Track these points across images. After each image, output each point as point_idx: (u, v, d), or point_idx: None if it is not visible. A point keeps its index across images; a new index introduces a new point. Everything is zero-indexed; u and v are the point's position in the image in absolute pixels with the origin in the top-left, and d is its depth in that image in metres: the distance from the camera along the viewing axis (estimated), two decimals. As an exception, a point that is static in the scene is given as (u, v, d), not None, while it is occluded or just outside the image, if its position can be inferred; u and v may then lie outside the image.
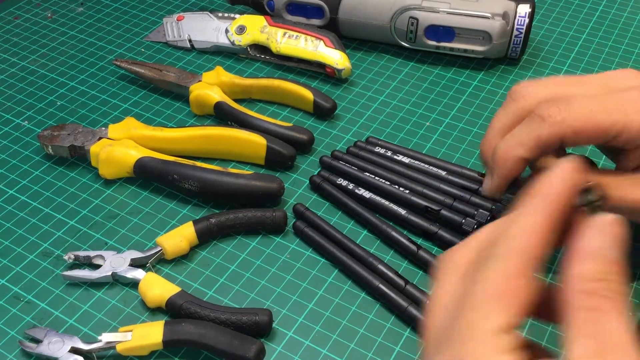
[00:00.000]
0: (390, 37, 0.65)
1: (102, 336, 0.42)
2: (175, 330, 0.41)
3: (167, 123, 0.59)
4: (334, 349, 0.43)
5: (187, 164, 0.51)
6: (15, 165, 0.55)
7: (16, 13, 0.72)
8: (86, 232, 0.50)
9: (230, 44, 0.65)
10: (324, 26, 0.65)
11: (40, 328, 0.43)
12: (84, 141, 0.53)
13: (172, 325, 0.42)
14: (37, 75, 0.64)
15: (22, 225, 0.50)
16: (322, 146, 0.57)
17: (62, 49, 0.67)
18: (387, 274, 0.45)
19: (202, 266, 0.48)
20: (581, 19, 0.71)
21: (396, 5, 0.63)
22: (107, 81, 0.63)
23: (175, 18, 0.68)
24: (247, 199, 0.50)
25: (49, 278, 0.47)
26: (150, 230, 0.50)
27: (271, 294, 0.46)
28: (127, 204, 0.52)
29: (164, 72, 0.61)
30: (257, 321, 0.42)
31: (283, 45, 0.62)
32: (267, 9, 0.67)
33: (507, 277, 0.26)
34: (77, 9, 0.73)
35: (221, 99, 0.57)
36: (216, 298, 0.46)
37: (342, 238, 0.48)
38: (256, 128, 0.55)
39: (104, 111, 0.60)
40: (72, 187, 0.53)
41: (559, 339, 0.43)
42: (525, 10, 0.61)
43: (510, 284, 0.26)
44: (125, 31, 0.69)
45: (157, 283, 0.45)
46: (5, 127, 0.59)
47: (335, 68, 0.61)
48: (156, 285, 0.44)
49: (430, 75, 0.64)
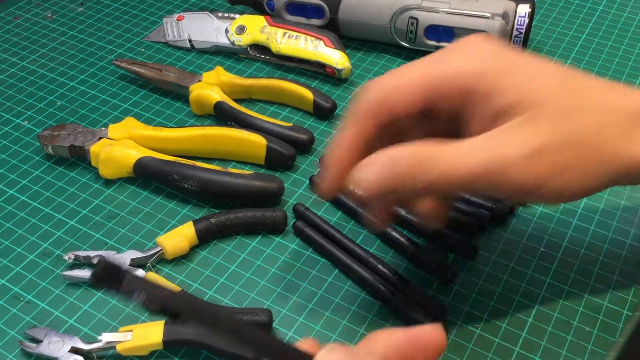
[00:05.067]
0: (390, 37, 0.65)
1: (102, 336, 0.42)
2: (175, 331, 0.41)
3: (167, 123, 0.59)
4: (334, 349, 0.43)
5: (187, 164, 0.51)
6: (15, 165, 0.55)
7: (16, 13, 0.72)
8: (86, 232, 0.50)
9: (230, 44, 0.65)
10: (324, 26, 0.65)
11: (40, 328, 0.43)
12: (84, 141, 0.53)
13: (172, 325, 0.42)
14: (37, 75, 0.64)
15: (22, 225, 0.50)
16: (322, 146, 0.57)
17: (62, 49, 0.67)
18: (387, 274, 0.45)
19: (202, 266, 0.48)
20: (581, 19, 0.71)
21: (396, 5, 0.63)
22: (107, 81, 0.63)
23: (175, 18, 0.68)
24: (247, 199, 0.50)
25: (49, 278, 0.47)
26: (150, 230, 0.50)
27: (271, 294, 0.46)
28: (127, 204, 0.52)
29: (164, 72, 0.61)
30: (257, 321, 0.42)
31: (283, 45, 0.62)
32: (267, 9, 0.67)
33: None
34: (77, 9, 0.73)
35: (221, 99, 0.57)
36: (216, 298, 0.46)
37: (342, 238, 0.48)
38: (256, 128, 0.55)
39: (104, 111, 0.60)
40: (72, 187, 0.53)
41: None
42: (525, 10, 0.61)
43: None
44: (125, 31, 0.69)
45: (157, 283, 0.45)
46: (5, 127, 0.59)
47: (335, 68, 0.61)
48: (156, 285, 0.44)
49: (430, 75, 0.64)
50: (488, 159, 0.35)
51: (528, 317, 0.44)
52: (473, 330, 0.44)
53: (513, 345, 0.43)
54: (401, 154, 0.36)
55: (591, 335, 0.43)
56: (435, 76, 0.38)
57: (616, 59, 0.65)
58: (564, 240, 0.49)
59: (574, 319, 0.44)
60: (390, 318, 0.44)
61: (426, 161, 0.36)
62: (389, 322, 0.44)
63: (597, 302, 0.45)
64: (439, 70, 0.38)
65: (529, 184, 0.35)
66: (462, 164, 0.35)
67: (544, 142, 0.35)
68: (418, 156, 0.36)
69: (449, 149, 0.36)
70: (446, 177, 0.36)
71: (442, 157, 0.36)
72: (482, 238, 0.49)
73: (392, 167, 0.36)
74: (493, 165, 0.35)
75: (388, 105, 0.38)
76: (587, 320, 0.44)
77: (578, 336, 0.43)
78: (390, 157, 0.36)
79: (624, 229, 0.50)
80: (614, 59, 0.65)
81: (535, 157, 0.35)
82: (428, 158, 0.36)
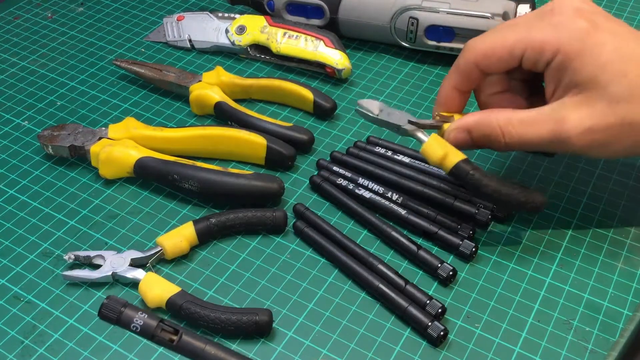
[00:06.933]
0: (390, 37, 0.65)
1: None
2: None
3: (167, 123, 0.59)
4: (334, 349, 0.43)
5: (187, 164, 0.51)
6: (15, 165, 0.55)
7: (16, 13, 0.72)
8: (86, 232, 0.50)
9: (230, 44, 0.65)
10: (324, 26, 0.65)
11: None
12: (84, 141, 0.53)
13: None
14: (37, 75, 0.64)
15: (22, 225, 0.50)
16: (322, 146, 0.57)
17: (62, 49, 0.67)
18: (387, 274, 0.45)
19: (202, 266, 0.48)
20: (581, 19, 0.71)
21: (396, 5, 0.63)
22: (107, 81, 0.63)
23: (175, 18, 0.68)
24: (247, 199, 0.50)
25: (49, 278, 0.47)
26: (150, 230, 0.50)
27: (271, 294, 0.46)
28: (127, 204, 0.52)
29: (164, 72, 0.61)
30: (257, 321, 0.42)
31: (283, 45, 0.62)
32: (267, 9, 0.67)
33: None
34: (77, 9, 0.73)
35: (221, 99, 0.57)
36: (216, 298, 0.46)
37: (342, 238, 0.48)
38: (256, 128, 0.55)
39: (104, 111, 0.60)
40: (72, 187, 0.53)
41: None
42: (525, 10, 0.61)
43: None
44: (125, 31, 0.69)
45: (157, 283, 0.45)
46: (5, 127, 0.59)
47: (335, 68, 0.61)
48: (156, 285, 0.44)
49: (430, 75, 0.64)
50: (552, 130, 0.44)
51: (528, 317, 0.44)
52: (473, 330, 0.44)
53: (513, 345, 0.43)
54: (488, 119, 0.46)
55: (591, 335, 0.43)
56: (525, 43, 0.45)
57: (616, 59, 0.65)
58: (564, 240, 0.49)
59: (574, 319, 0.44)
60: (390, 318, 0.44)
61: (506, 127, 0.45)
62: (389, 322, 0.44)
63: (597, 302, 0.45)
64: (529, 38, 0.45)
65: (581, 150, 0.45)
66: (533, 132, 0.45)
67: (597, 122, 0.43)
68: (501, 122, 0.46)
69: (524, 117, 0.45)
70: (520, 140, 0.45)
71: (517, 124, 0.45)
72: (482, 238, 0.49)
73: (481, 130, 0.46)
74: (555, 136, 0.44)
75: (482, 67, 0.47)
76: (587, 320, 0.44)
77: (578, 336, 0.43)
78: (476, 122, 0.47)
79: (624, 229, 0.50)
80: (614, 59, 0.65)
81: (588, 134, 0.44)
82: (508, 124, 0.45)
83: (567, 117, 0.44)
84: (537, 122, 0.45)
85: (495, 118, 0.46)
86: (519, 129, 0.45)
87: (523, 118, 0.45)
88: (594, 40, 0.43)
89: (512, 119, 0.46)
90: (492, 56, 0.46)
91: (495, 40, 0.46)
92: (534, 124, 0.45)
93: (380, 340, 0.43)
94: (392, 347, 0.43)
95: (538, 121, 0.45)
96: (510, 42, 0.45)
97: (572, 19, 0.44)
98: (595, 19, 0.44)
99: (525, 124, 0.45)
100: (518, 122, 0.45)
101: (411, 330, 0.43)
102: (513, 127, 0.45)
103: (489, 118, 0.46)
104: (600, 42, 0.43)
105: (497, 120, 0.46)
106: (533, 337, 0.43)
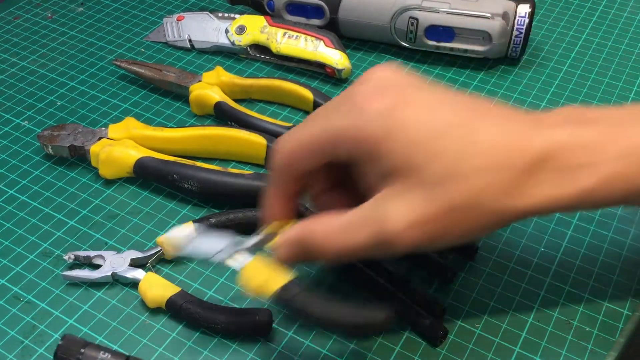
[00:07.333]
0: (390, 37, 0.65)
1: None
2: None
3: (167, 123, 0.59)
4: (334, 349, 0.43)
5: (187, 164, 0.51)
6: (15, 165, 0.55)
7: (16, 13, 0.72)
8: (86, 232, 0.50)
9: (230, 44, 0.65)
10: (324, 26, 0.65)
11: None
12: (84, 141, 0.53)
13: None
14: (37, 75, 0.64)
15: (22, 225, 0.50)
16: (322, 146, 0.56)
17: (62, 49, 0.67)
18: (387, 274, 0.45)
19: (202, 266, 0.48)
20: (581, 19, 0.71)
21: (396, 5, 0.63)
22: (107, 81, 0.63)
23: (175, 18, 0.68)
24: (247, 199, 0.50)
25: (49, 278, 0.47)
26: (150, 230, 0.50)
27: (271, 294, 0.46)
28: (127, 204, 0.52)
29: (164, 72, 0.61)
30: (257, 321, 0.42)
31: (283, 45, 0.62)
32: (267, 9, 0.67)
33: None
34: (77, 9, 0.73)
35: (221, 99, 0.57)
36: (216, 298, 0.46)
37: (342, 238, 0.48)
38: (256, 128, 0.55)
39: (104, 111, 0.60)
40: (72, 187, 0.53)
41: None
42: (525, 10, 0.61)
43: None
44: (125, 31, 0.69)
45: (157, 283, 0.45)
46: (5, 127, 0.59)
47: (335, 68, 0.61)
48: (156, 285, 0.44)
49: (430, 75, 0.64)
50: (373, 233, 0.36)
51: (528, 317, 0.44)
52: (473, 330, 0.44)
53: (513, 345, 0.43)
54: (309, 229, 0.38)
55: (591, 335, 0.43)
56: (329, 132, 0.38)
57: (616, 59, 0.65)
58: (564, 240, 0.49)
59: (574, 319, 0.44)
60: (390, 318, 0.44)
61: (327, 238, 0.38)
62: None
63: (597, 302, 0.45)
64: (333, 125, 0.38)
65: (415, 248, 0.36)
66: (352, 240, 0.37)
67: (421, 212, 0.35)
68: (321, 233, 0.38)
69: (344, 222, 0.37)
70: (342, 252, 0.37)
71: (338, 232, 0.37)
72: (482, 238, 0.49)
73: (296, 246, 0.39)
74: (378, 239, 0.36)
75: (295, 166, 0.40)
76: (587, 320, 0.44)
77: (578, 336, 0.43)
78: (288, 238, 0.39)
79: (624, 229, 0.50)
80: (614, 59, 0.65)
81: (415, 228, 0.36)
82: (330, 233, 0.38)
83: (387, 213, 0.36)
84: (355, 226, 0.37)
85: (315, 229, 0.38)
86: (340, 238, 0.37)
87: (342, 224, 0.37)
88: (400, 118, 0.36)
89: (333, 225, 0.38)
90: (299, 153, 0.39)
91: (300, 137, 0.39)
92: (353, 229, 0.37)
93: (380, 340, 0.43)
94: (392, 347, 0.43)
95: (356, 225, 0.37)
96: (314, 135, 0.38)
97: (370, 100, 0.37)
98: (404, 92, 0.37)
99: (344, 232, 0.37)
100: (339, 229, 0.37)
101: (411, 330, 0.43)
102: (335, 237, 0.37)
103: (309, 228, 0.38)
104: (408, 120, 0.36)
105: (316, 232, 0.38)
106: (533, 337, 0.43)
